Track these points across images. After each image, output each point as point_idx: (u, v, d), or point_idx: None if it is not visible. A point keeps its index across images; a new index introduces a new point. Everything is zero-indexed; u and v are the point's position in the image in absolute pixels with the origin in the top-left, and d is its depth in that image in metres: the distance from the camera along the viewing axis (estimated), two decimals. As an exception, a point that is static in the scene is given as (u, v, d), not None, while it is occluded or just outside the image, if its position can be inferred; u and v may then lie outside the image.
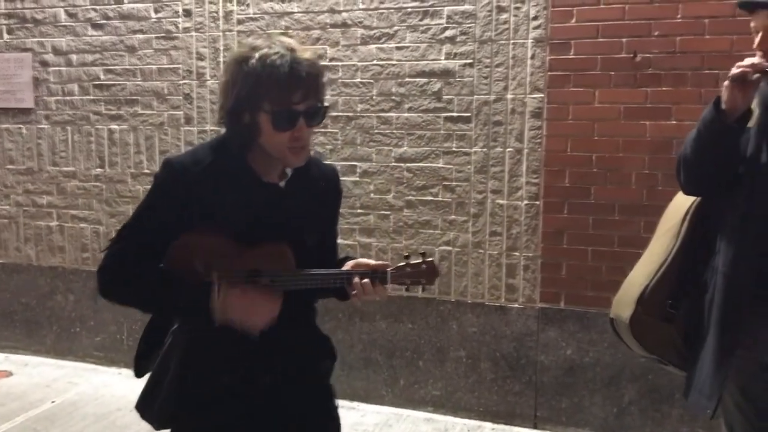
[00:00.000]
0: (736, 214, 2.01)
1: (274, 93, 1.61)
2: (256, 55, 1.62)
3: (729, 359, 2.03)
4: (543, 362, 3.69)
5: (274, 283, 1.70)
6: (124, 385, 4.17)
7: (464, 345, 3.83)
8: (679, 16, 3.34)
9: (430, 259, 1.84)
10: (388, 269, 1.79)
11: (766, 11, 1.92)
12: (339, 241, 2.11)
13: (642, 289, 2.15)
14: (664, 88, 3.38)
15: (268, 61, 1.60)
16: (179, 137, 4.29)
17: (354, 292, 1.77)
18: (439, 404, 3.88)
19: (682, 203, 2.20)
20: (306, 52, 1.65)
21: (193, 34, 4.20)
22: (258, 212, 1.70)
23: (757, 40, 1.95)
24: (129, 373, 4.26)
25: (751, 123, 2.00)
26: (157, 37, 4.28)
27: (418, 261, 1.83)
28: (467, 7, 3.69)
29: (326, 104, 1.73)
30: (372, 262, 1.81)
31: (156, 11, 4.27)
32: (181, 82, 4.26)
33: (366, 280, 1.74)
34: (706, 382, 2.08)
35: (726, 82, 1.94)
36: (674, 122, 3.37)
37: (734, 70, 1.92)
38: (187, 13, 4.21)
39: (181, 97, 4.27)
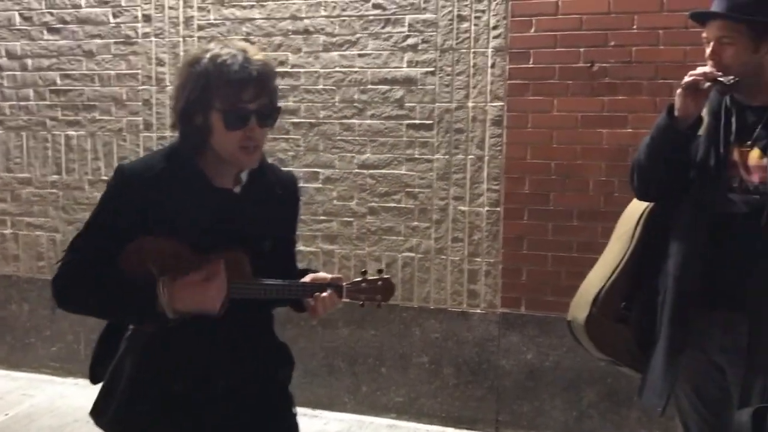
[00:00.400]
0: (686, 219, 2.07)
1: (224, 91, 1.62)
2: (207, 55, 1.64)
3: (679, 358, 2.09)
4: (504, 367, 3.73)
5: (230, 291, 1.68)
6: (82, 396, 4.09)
7: (427, 351, 3.85)
8: (634, 27, 3.43)
9: (386, 276, 1.86)
10: (344, 284, 1.80)
11: (717, 22, 1.98)
12: (302, 248, 2.11)
13: (597, 292, 2.20)
14: (620, 97, 3.46)
15: (219, 60, 1.62)
16: (138, 143, 4.24)
17: (312, 304, 1.78)
18: (401, 411, 3.89)
19: (636, 208, 2.25)
20: (258, 54, 1.67)
21: (153, 39, 4.16)
22: (211, 218, 1.69)
23: (708, 50, 2.01)
24: (86, 383, 4.14)
25: (701, 130, 2.06)
26: (115, 42, 4.22)
27: (374, 277, 1.84)
28: (429, 15, 3.73)
29: (279, 105, 1.73)
30: (329, 276, 1.82)
31: (114, 16, 4.21)
32: (140, 87, 4.21)
33: (324, 295, 1.76)
34: (657, 381, 2.14)
35: (679, 90, 2.00)
36: (630, 130, 3.44)
37: (687, 79, 1.98)
38: (147, 19, 4.16)
39: (140, 103, 4.22)
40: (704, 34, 2.03)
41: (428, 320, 3.84)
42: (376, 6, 3.80)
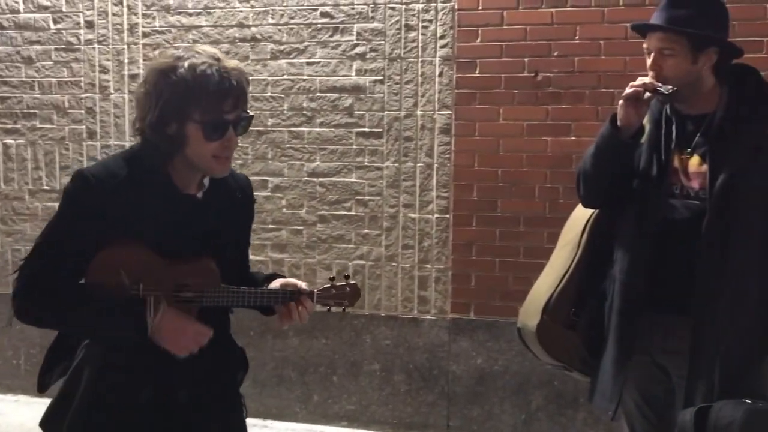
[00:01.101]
0: (630, 225, 2.13)
1: (205, 102, 1.60)
2: (185, 64, 1.59)
3: (627, 362, 2.14)
4: (455, 372, 3.76)
5: (202, 299, 1.69)
6: (22, 413, 3.95)
7: (378, 358, 3.86)
8: (576, 37, 3.52)
9: (353, 281, 1.93)
10: (315, 290, 1.84)
11: (658, 34, 2.04)
12: (251, 257, 2.10)
13: (547, 299, 2.23)
14: (563, 106, 3.55)
15: (198, 70, 1.59)
16: (81, 152, 4.14)
17: (284, 311, 1.81)
18: (353, 418, 3.89)
19: (581, 215, 2.30)
20: (230, 62, 1.66)
21: (96, 46, 4.07)
22: (179, 225, 1.68)
23: (649, 60, 2.06)
24: (27, 399, 4.05)
25: (644, 139, 2.13)
26: (56, 49, 4.12)
27: (342, 283, 1.90)
28: (376, 24, 3.75)
29: (251, 114, 1.73)
30: (299, 283, 1.84)
31: (55, 22, 4.11)
32: (83, 95, 4.11)
33: (300, 307, 1.79)
34: (607, 385, 2.18)
35: (621, 101, 2.06)
36: (573, 138, 3.53)
37: (628, 90, 2.03)
38: (89, 25, 4.08)
39: (83, 111, 4.12)
40: (645, 45, 2.09)
41: (379, 327, 3.85)
42: (324, 15, 3.81)
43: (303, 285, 1.84)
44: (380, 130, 3.79)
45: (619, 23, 3.42)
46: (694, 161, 2.07)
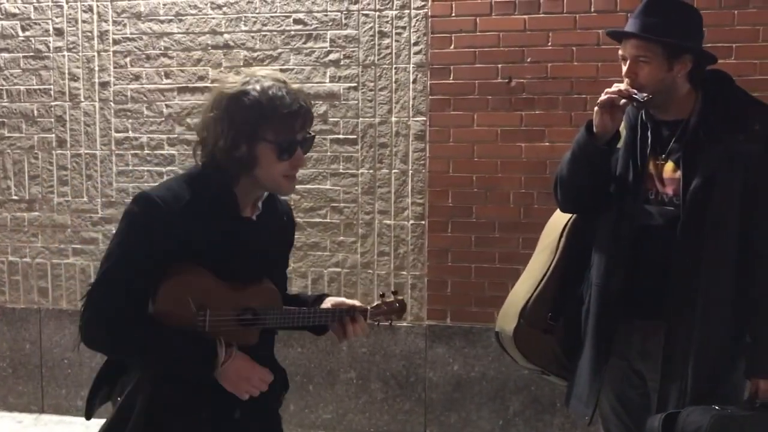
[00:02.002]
0: (607, 230, 2.14)
1: (278, 123, 1.65)
2: (256, 87, 1.65)
3: (604, 366, 2.15)
4: (432, 379, 3.75)
5: (266, 321, 1.73)
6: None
7: (354, 366, 3.83)
8: (549, 44, 3.55)
9: (401, 297, 2.02)
10: (368, 308, 1.92)
11: (634, 41, 2.05)
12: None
13: (524, 303, 2.24)
14: (537, 112, 3.57)
15: (270, 92, 1.64)
16: (51, 161, 4.07)
17: (340, 329, 1.87)
18: (330, 427, 3.86)
19: (559, 220, 2.31)
20: (295, 85, 1.72)
21: (66, 53, 4.02)
22: (239, 248, 1.70)
23: (625, 67, 2.08)
24: (-4, 414, 3.97)
25: (620, 144, 2.14)
26: (25, 57, 4.05)
27: (391, 300, 2.00)
28: (350, 31, 3.75)
29: (314, 134, 1.78)
30: (348, 301, 1.92)
31: (24, 29, 4.05)
32: (53, 103, 4.05)
33: (357, 324, 1.87)
34: (584, 389, 2.19)
35: (596, 108, 2.06)
36: (547, 144, 3.55)
37: (603, 97, 2.04)
38: (59, 32, 4.02)
39: (52, 120, 4.06)
40: (620, 52, 2.10)
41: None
42: (297, 21, 3.79)
43: (355, 303, 1.91)
44: (355, 136, 3.77)
45: (591, 29, 3.46)
46: (669, 167, 2.08)
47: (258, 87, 1.65)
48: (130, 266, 1.62)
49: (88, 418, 1.81)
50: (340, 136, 3.79)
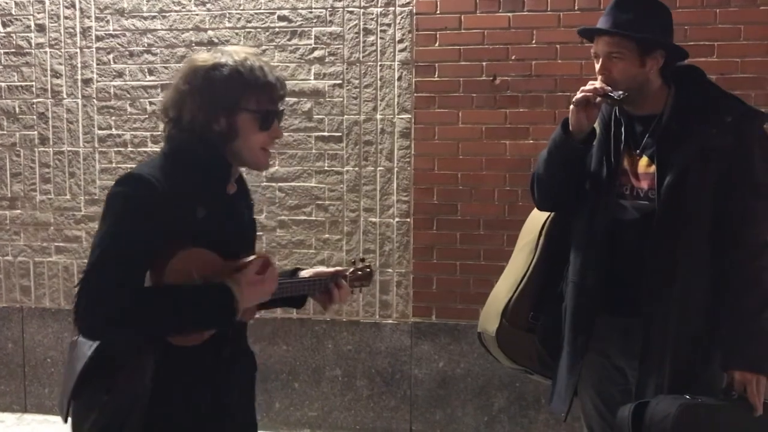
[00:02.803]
0: (582, 226, 2.15)
1: (259, 92, 1.64)
2: (232, 59, 1.63)
3: (579, 362, 2.15)
4: (417, 376, 3.76)
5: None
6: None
7: (340, 364, 3.84)
8: (533, 41, 3.56)
9: (368, 263, 2.07)
10: (348, 273, 1.96)
11: (606, 38, 2.06)
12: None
13: (506, 303, 2.25)
14: (521, 110, 3.58)
15: (248, 63, 1.64)
16: (33, 158, 4.04)
17: (326, 296, 1.91)
18: (315, 425, 3.86)
19: (538, 219, 2.32)
20: (263, 57, 1.72)
21: (48, 50, 3.98)
22: (230, 223, 1.72)
23: (598, 65, 2.09)
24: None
25: (595, 140, 2.15)
26: (6, 53, 4.01)
27: (363, 266, 2.05)
28: (335, 28, 3.74)
29: (283, 108, 1.77)
30: (328, 269, 1.95)
31: (5, 25, 4.01)
32: (35, 100, 4.01)
33: (343, 288, 1.91)
34: (562, 386, 2.20)
35: (571, 107, 2.07)
36: (531, 141, 3.56)
37: (578, 95, 2.05)
38: (41, 28, 3.98)
39: (34, 116, 4.02)
40: (593, 50, 2.11)
41: (341, 333, 3.83)
42: (281, 18, 3.78)
43: (334, 269, 1.94)
44: (340, 134, 3.77)
45: (575, 27, 3.42)
46: (643, 162, 2.09)
47: (235, 58, 1.64)
48: (128, 247, 1.54)
49: (66, 420, 1.70)
50: (325, 134, 3.78)
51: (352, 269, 2.00)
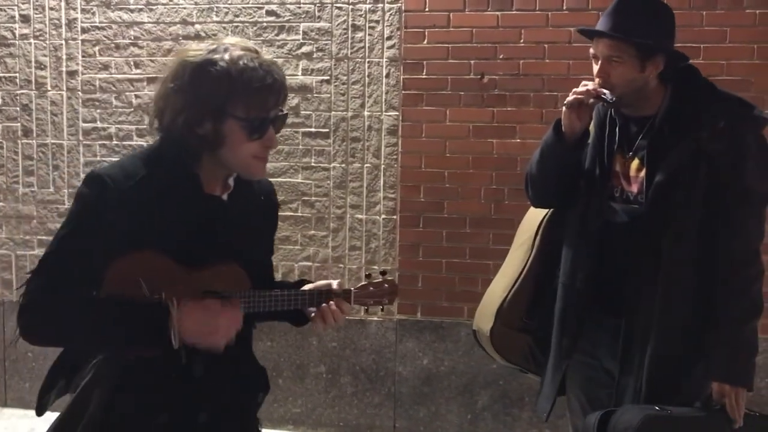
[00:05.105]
0: (574, 227, 2.14)
1: (249, 99, 1.48)
2: (225, 57, 1.47)
3: (564, 362, 2.15)
4: (401, 373, 3.76)
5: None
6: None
7: (324, 360, 3.83)
8: (521, 41, 3.56)
9: (390, 277, 1.84)
10: (352, 289, 1.76)
11: (607, 41, 2.00)
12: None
13: (501, 302, 2.23)
14: (509, 108, 3.59)
15: (240, 63, 1.47)
16: (17, 151, 3.99)
17: (314, 315, 1.72)
18: (299, 422, 3.85)
19: (534, 217, 2.30)
20: (267, 55, 1.53)
21: (32, 41, 3.93)
22: (204, 228, 1.54)
23: (596, 67, 2.04)
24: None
25: (590, 140, 2.13)
26: (-10, 43, 3.97)
27: (379, 280, 1.82)
28: (323, 24, 3.73)
29: (286, 111, 1.60)
30: (333, 282, 1.74)
31: (-11, 15, 3.96)
32: (18, 92, 3.97)
33: (333, 306, 1.69)
34: (547, 387, 2.20)
35: (564, 108, 2.04)
36: (518, 140, 3.57)
37: (570, 97, 2.02)
38: (25, 19, 3.93)
39: (18, 108, 3.98)
40: (592, 51, 2.05)
41: (326, 329, 3.81)
42: (269, 13, 3.76)
43: (332, 283, 1.74)
44: (327, 130, 3.76)
45: (563, 27, 3.48)
46: (634, 165, 2.06)
47: (227, 56, 1.47)
48: (73, 249, 1.47)
49: (39, 414, 1.62)
50: (312, 130, 3.77)
51: (364, 283, 1.79)
